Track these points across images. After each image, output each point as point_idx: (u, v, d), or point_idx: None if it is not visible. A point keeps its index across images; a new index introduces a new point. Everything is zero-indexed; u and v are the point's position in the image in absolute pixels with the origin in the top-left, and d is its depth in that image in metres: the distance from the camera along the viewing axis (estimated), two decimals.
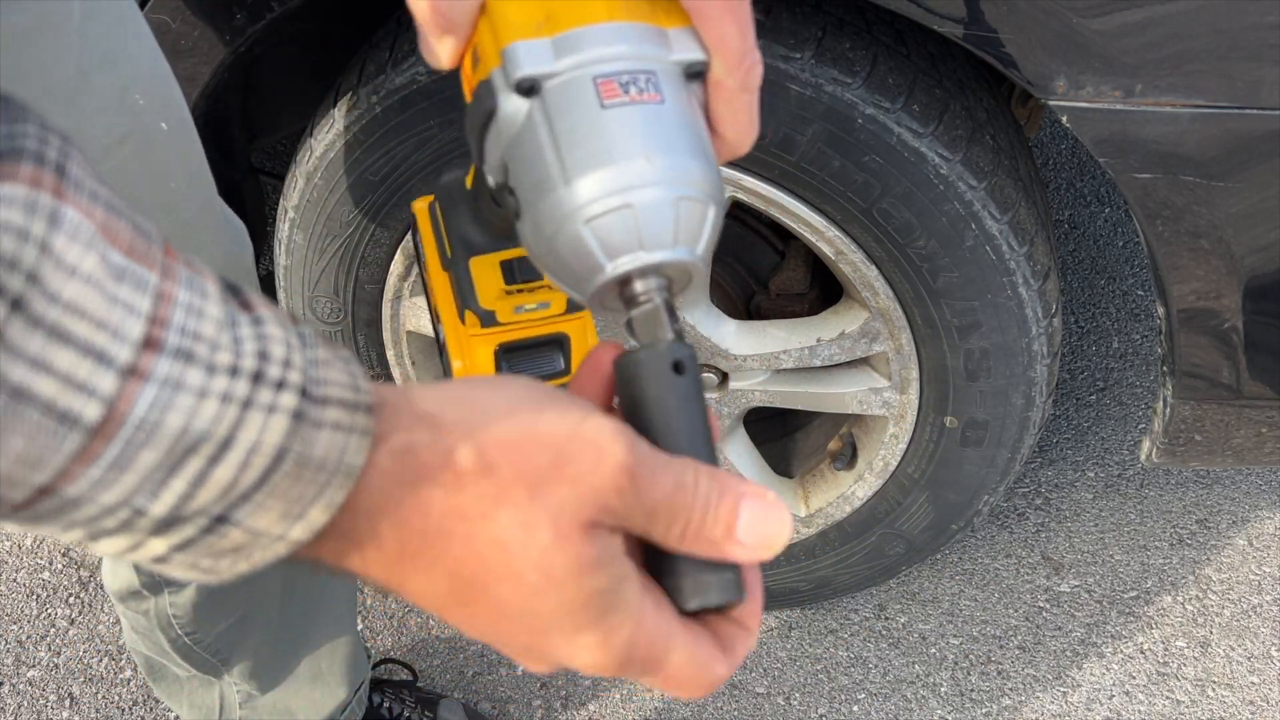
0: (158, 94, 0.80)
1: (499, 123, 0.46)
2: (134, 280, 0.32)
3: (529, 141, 0.45)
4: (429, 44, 0.48)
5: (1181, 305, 1.16)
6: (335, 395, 0.36)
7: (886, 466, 1.42)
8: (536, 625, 0.39)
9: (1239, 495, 1.82)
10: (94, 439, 0.31)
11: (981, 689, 1.63)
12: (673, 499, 0.40)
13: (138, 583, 1.08)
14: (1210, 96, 1.01)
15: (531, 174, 0.45)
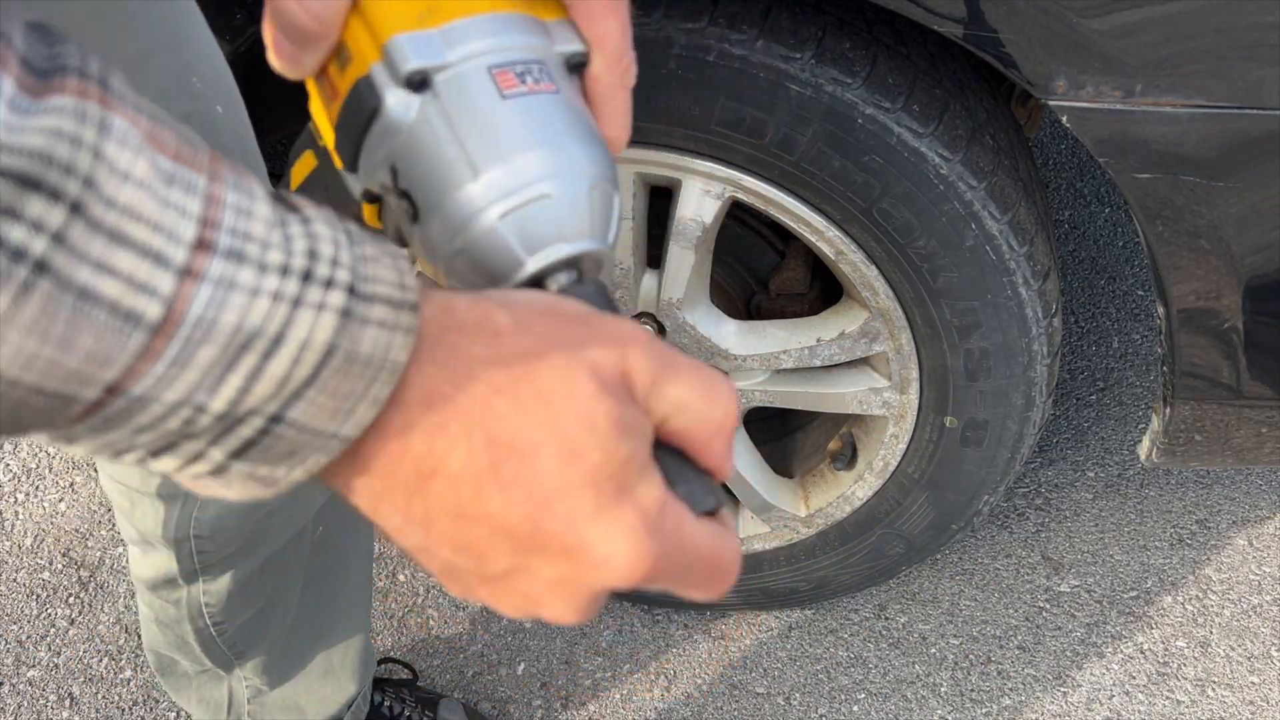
0: (214, 78, 0.81)
1: (384, 122, 0.43)
2: (184, 184, 0.33)
3: (425, 138, 0.43)
4: (287, 50, 0.46)
5: (1181, 305, 1.16)
6: (382, 293, 0.37)
7: (886, 466, 1.42)
8: (574, 505, 0.38)
9: (1239, 495, 1.82)
10: (156, 337, 0.33)
11: (981, 689, 1.63)
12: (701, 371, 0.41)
13: (175, 570, 1.08)
14: (1210, 96, 1.01)
15: (431, 172, 0.43)
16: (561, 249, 0.44)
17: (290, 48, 0.46)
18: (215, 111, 0.80)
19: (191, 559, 1.06)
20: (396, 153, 0.44)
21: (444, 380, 0.38)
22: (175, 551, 1.05)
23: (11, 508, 1.85)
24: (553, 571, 0.39)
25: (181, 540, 1.04)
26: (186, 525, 1.03)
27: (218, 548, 1.06)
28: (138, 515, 1.04)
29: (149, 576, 1.11)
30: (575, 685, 1.66)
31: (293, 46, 0.46)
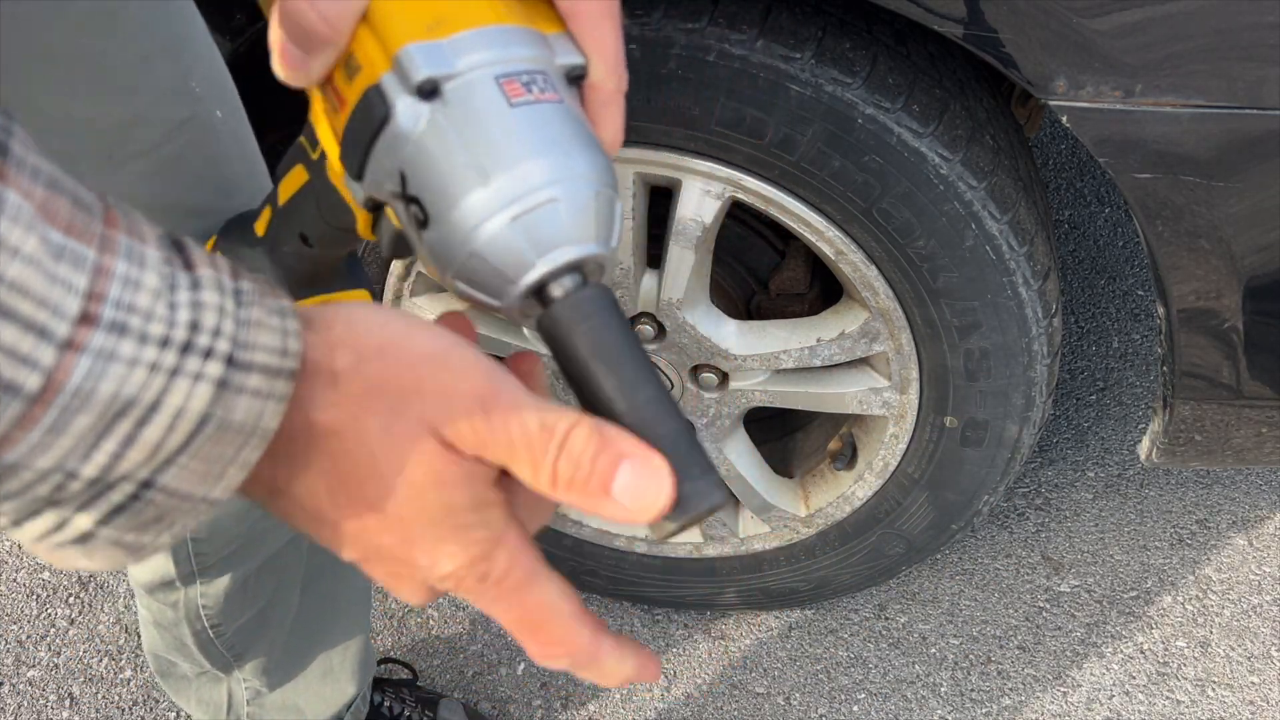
0: (213, 81, 0.82)
1: (393, 130, 0.44)
2: (73, 258, 0.34)
3: (435, 145, 0.44)
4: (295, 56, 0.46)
5: (1181, 305, 1.16)
6: (260, 361, 0.38)
7: (886, 466, 1.42)
8: (403, 532, 0.42)
9: (1239, 495, 1.82)
10: (34, 406, 0.33)
11: (981, 689, 1.63)
12: (533, 440, 0.41)
13: (172, 572, 1.08)
14: (1210, 96, 1.01)
15: (441, 178, 0.44)
16: (568, 252, 0.44)
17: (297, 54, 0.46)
18: (214, 115, 0.81)
19: (189, 561, 1.06)
20: (406, 160, 0.44)
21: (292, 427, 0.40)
22: (172, 554, 1.05)
23: None
24: (387, 569, 0.44)
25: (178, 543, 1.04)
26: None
27: (215, 550, 1.06)
28: None
29: (146, 579, 1.11)
30: (575, 685, 1.66)
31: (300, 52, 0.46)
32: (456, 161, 0.43)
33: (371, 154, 0.45)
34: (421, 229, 0.45)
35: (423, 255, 0.46)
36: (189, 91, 0.78)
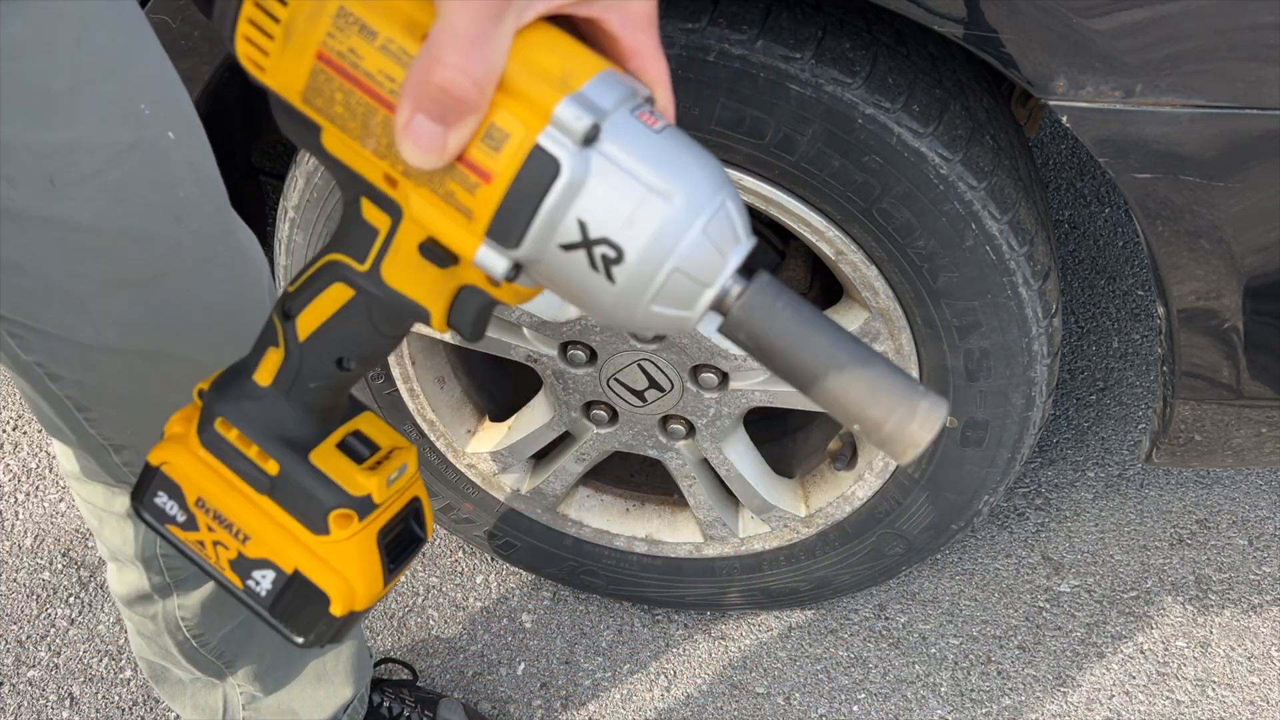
0: (165, 102, 0.79)
1: (565, 181, 0.47)
2: None
3: (607, 184, 0.47)
4: (432, 136, 0.46)
5: (1181, 305, 1.16)
6: None
7: (886, 467, 1.42)
8: None
9: (1239, 495, 1.82)
10: None
11: (981, 689, 1.63)
12: None
13: (147, 586, 1.08)
14: (1210, 96, 1.01)
15: (625, 211, 0.47)
16: (745, 244, 0.49)
17: (435, 131, 0.46)
18: (166, 138, 0.78)
19: (162, 574, 1.06)
20: (583, 207, 0.47)
21: None
22: (145, 569, 1.05)
23: (11, 508, 1.85)
24: None
25: (150, 558, 1.04)
26: (153, 544, 1.02)
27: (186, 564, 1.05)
28: (106, 533, 1.04)
29: (124, 593, 1.11)
30: (575, 685, 1.66)
31: (439, 128, 0.46)
32: (633, 193, 0.47)
33: (539, 213, 0.47)
34: (614, 265, 0.48)
35: (597, 307, 0.49)
36: (137, 114, 0.75)
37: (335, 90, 0.49)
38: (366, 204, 0.52)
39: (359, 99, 0.49)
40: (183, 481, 0.62)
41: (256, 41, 0.50)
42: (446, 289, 0.53)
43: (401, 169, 0.49)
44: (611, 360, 1.37)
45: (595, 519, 1.61)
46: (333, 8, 0.48)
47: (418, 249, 0.52)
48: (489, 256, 0.49)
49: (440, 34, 0.45)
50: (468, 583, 1.76)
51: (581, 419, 1.47)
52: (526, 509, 1.59)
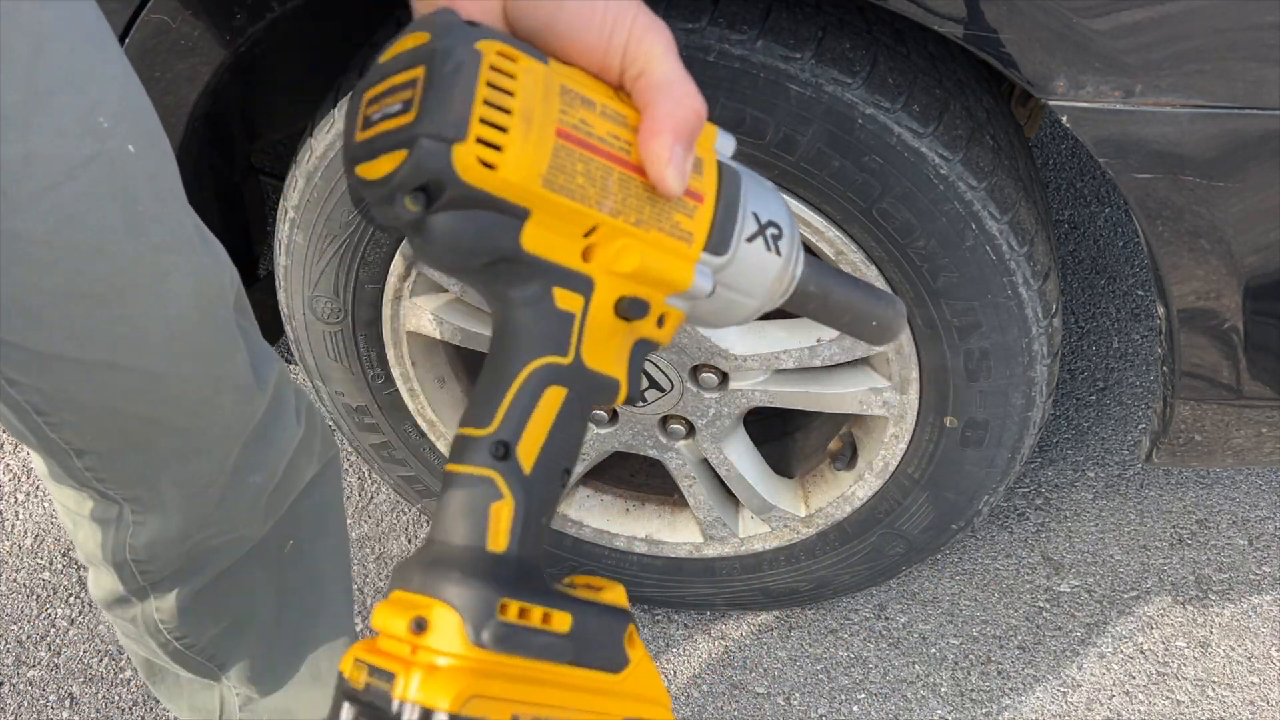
0: (126, 115, 0.78)
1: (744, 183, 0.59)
2: None
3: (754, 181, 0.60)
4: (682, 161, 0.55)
5: (1181, 305, 1.16)
6: None
7: (886, 466, 1.42)
8: None
9: (1239, 495, 1.82)
10: None
11: (981, 689, 1.63)
12: None
13: (122, 589, 1.07)
14: (1210, 96, 1.01)
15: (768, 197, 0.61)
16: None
17: (686, 158, 0.54)
18: (126, 151, 0.77)
19: (135, 579, 1.06)
20: (751, 202, 0.59)
21: None
22: (118, 572, 1.05)
23: (11, 508, 1.85)
24: None
25: (121, 563, 1.04)
26: (123, 550, 1.02)
27: (158, 569, 1.05)
28: (80, 537, 1.04)
29: (101, 596, 1.11)
30: None
31: (686, 153, 0.54)
32: (764, 186, 0.61)
33: (738, 214, 0.58)
34: (779, 240, 0.60)
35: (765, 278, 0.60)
36: (95, 127, 0.74)
37: (576, 162, 0.51)
38: (559, 293, 0.53)
39: (598, 164, 0.52)
40: (489, 710, 0.50)
41: (490, 139, 0.48)
42: (626, 351, 0.57)
43: (634, 218, 0.54)
44: None
45: (595, 519, 1.61)
46: (556, 87, 0.51)
47: (613, 312, 0.55)
48: (701, 277, 0.57)
49: (674, 75, 0.55)
50: None
51: None
52: None
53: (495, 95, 0.48)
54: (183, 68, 1.19)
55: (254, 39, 1.18)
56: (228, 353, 0.91)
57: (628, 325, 0.56)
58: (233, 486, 1.00)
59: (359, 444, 1.56)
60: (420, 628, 0.50)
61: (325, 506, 1.21)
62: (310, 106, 1.32)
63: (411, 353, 1.44)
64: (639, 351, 0.58)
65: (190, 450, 0.93)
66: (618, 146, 0.53)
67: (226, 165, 1.47)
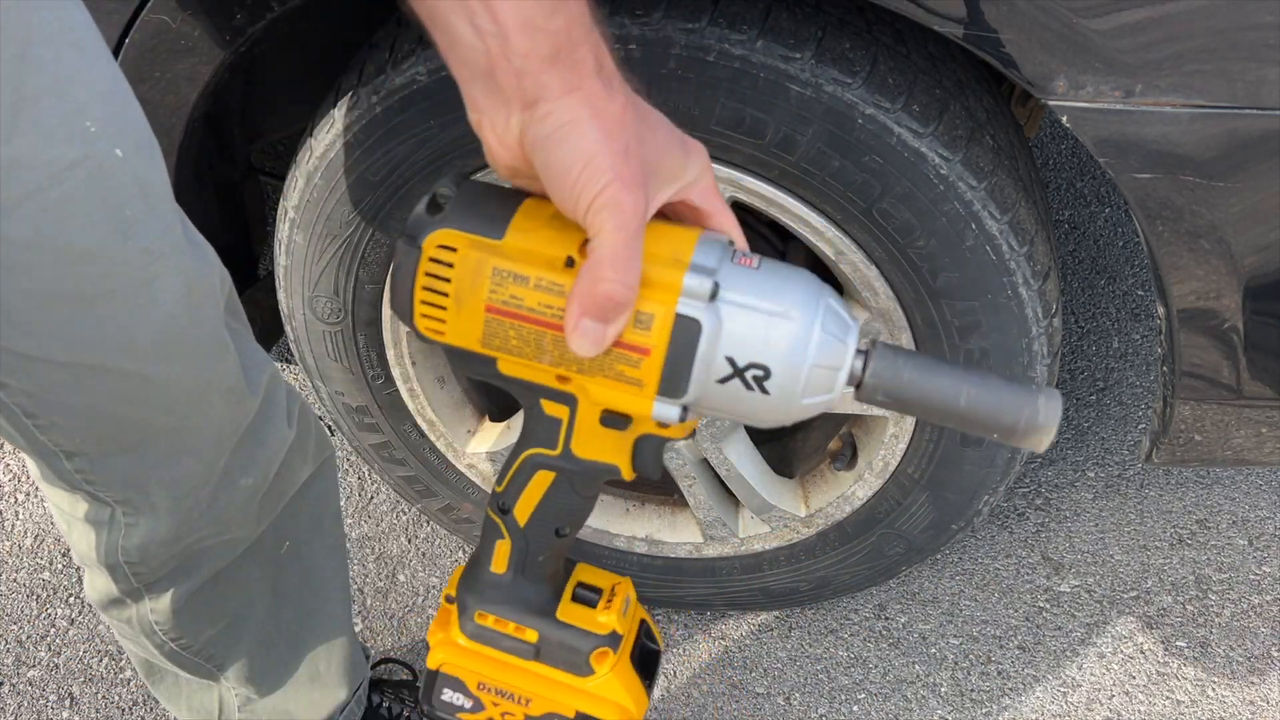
0: (113, 119, 0.78)
1: (707, 334, 0.59)
2: None
3: (742, 320, 0.59)
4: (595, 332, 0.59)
5: (1181, 305, 1.16)
6: None
7: (886, 467, 1.42)
8: None
9: (1239, 495, 1.82)
10: None
11: (981, 689, 1.63)
12: None
13: (116, 590, 1.07)
14: (1210, 96, 1.01)
15: (760, 338, 0.59)
16: (854, 326, 0.61)
17: (598, 328, 0.58)
18: (113, 155, 0.77)
19: (129, 580, 1.06)
20: (727, 346, 0.59)
21: None
22: (111, 574, 1.05)
23: (11, 508, 1.85)
24: None
25: (114, 565, 1.04)
26: (115, 551, 1.02)
27: (151, 570, 1.05)
28: (74, 538, 1.04)
29: (96, 598, 1.11)
30: None
31: (600, 325, 0.58)
32: (760, 322, 0.59)
33: (695, 363, 0.59)
34: (765, 381, 0.59)
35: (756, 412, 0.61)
36: (82, 131, 0.74)
37: (508, 330, 0.61)
38: (546, 403, 0.65)
39: (529, 330, 0.61)
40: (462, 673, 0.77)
41: (433, 316, 0.62)
42: (627, 444, 0.66)
43: (576, 367, 0.61)
44: None
45: (595, 519, 1.61)
46: (487, 270, 0.60)
47: (599, 422, 0.64)
48: (663, 409, 0.61)
49: (600, 255, 0.57)
50: None
51: None
52: None
53: (432, 282, 0.61)
54: (183, 68, 1.19)
55: (254, 39, 1.18)
56: (217, 355, 0.91)
57: (620, 431, 0.65)
58: (224, 488, 1.00)
59: (359, 444, 1.56)
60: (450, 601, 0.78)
61: (321, 507, 1.21)
62: (310, 106, 1.32)
63: (411, 352, 1.44)
64: (646, 443, 0.66)
65: (180, 452, 0.94)
66: (549, 314, 0.60)
67: (226, 165, 1.47)
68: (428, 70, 1.16)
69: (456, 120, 1.19)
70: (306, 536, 1.20)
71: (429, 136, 1.21)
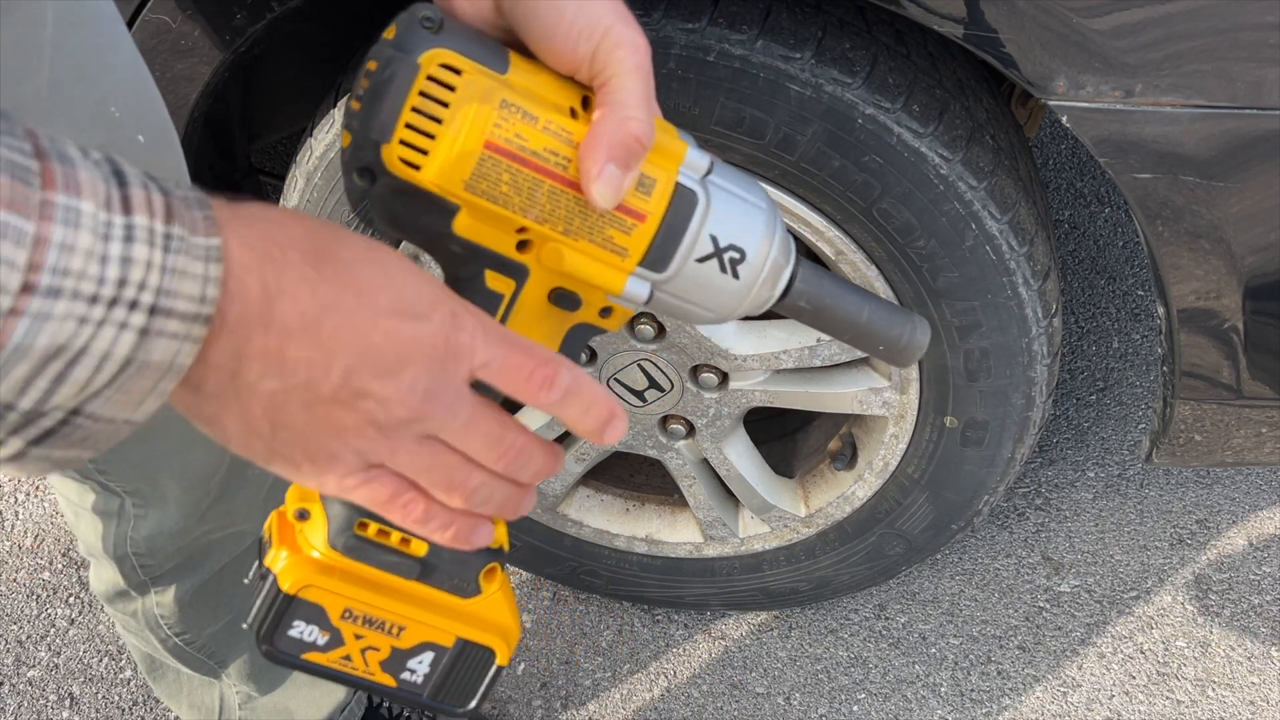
0: (136, 105, 0.79)
1: (701, 207, 0.59)
2: (14, 236, 0.38)
3: (727, 202, 0.59)
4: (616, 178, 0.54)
5: (1181, 305, 1.16)
6: (179, 308, 0.43)
7: (886, 466, 1.42)
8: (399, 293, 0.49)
9: (1239, 495, 1.82)
10: None
11: (981, 689, 1.63)
12: None
13: (123, 583, 1.08)
14: (1210, 96, 1.01)
15: (742, 223, 0.60)
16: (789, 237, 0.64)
17: (619, 175, 0.55)
18: (135, 141, 0.78)
19: (136, 572, 1.06)
20: (712, 225, 0.59)
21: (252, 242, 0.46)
22: (119, 566, 1.05)
23: (11, 508, 1.85)
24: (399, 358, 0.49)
25: (122, 556, 1.04)
26: (124, 543, 1.03)
27: (159, 563, 1.05)
28: (82, 529, 1.05)
29: (103, 590, 1.11)
30: (575, 685, 1.66)
31: (621, 172, 0.55)
32: (741, 208, 0.60)
33: (685, 237, 0.59)
34: (739, 264, 0.60)
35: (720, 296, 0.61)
36: (107, 117, 0.75)
37: (502, 172, 0.55)
38: (490, 275, 0.59)
39: (526, 175, 0.55)
40: (324, 600, 0.62)
41: (415, 143, 0.54)
42: (561, 331, 0.62)
43: (562, 228, 0.57)
44: (611, 360, 1.37)
45: (595, 519, 1.61)
46: (495, 100, 0.54)
47: (546, 299, 0.60)
48: (635, 285, 0.59)
49: (626, 96, 0.54)
50: None
51: None
52: None
53: (426, 104, 0.53)
54: (183, 68, 1.19)
55: (254, 39, 1.18)
56: None
57: (563, 312, 0.61)
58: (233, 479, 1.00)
59: None
60: (302, 517, 0.63)
61: None
62: (310, 106, 1.32)
63: None
64: (576, 333, 0.62)
65: (191, 441, 0.94)
66: (553, 162, 0.55)
67: (226, 165, 1.47)
68: None
69: None
70: None
71: None
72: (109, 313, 0.41)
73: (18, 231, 0.38)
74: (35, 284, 0.39)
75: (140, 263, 0.42)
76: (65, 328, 0.40)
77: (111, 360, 0.42)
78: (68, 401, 0.42)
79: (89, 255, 0.40)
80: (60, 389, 0.41)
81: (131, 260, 0.41)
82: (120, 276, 0.41)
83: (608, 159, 0.54)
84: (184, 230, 0.43)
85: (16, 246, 0.39)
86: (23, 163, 0.39)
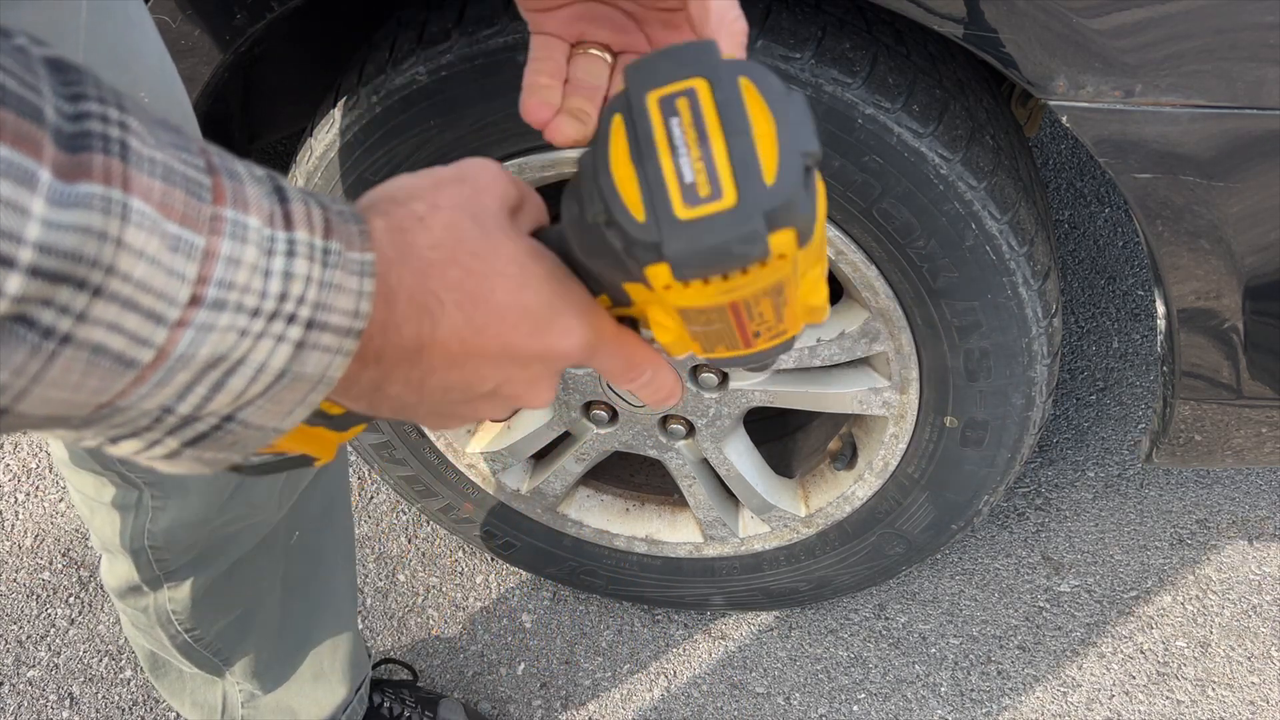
0: (163, 93, 0.81)
1: None
2: (186, 249, 0.39)
3: None
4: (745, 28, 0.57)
5: (1181, 305, 1.16)
6: (334, 322, 0.44)
7: (886, 466, 1.42)
8: (532, 320, 0.50)
9: (1239, 495, 1.82)
10: (145, 370, 0.39)
11: (981, 689, 1.63)
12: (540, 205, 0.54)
13: (137, 578, 1.08)
14: (1210, 96, 1.01)
15: None
16: None
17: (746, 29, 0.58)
18: None
19: (151, 567, 1.07)
20: None
21: (408, 275, 0.47)
22: (134, 560, 1.06)
23: (11, 508, 1.85)
24: (528, 372, 0.52)
25: (138, 550, 1.05)
26: (141, 536, 1.03)
27: (175, 556, 1.06)
28: (97, 523, 1.05)
29: (115, 584, 1.12)
30: (575, 685, 1.66)
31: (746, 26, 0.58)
32: None
33: None
34: None
35: None
36: None
37: (715, 319, 0.50)
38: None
39: (728, 328, 0.52)
40: None
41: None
42: None
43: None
44: None
45: (595, 519, 1.61)
46: (768, 285, 0.48)
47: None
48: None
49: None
50: (468, 583, 1.76)
51: (581, 419, 1.47)
52: (526, 509, 1.59)
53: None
54: (183, 68, 1.19)
55: (254, 39, 1.18)
56: None
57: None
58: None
59: (359, 444, 1.56)
60: None
61: (331, 498, 1.22)
62: (310, 106, 1.32)
63: None
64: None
65: None
66: (750, 330, 0.53)
67: None
68: (427, 70, 1.16)
69: (456, 120, 1.18)
70: (316, 526, 1.21)
71: (429, 136, 1.21)
72: (268, 326, 0.42)
73: (189, 245, 0.39)
74: (202, 296, 0.40)
75: (300, 277, 0.43)
76: (226, 339, 0.41)
77: (267, 371, 0.43)
78: (223, 408, 0.43)
79: (253, 269, 0.41)
80: (217, 396, 0.42)
81: (292, 275, 0.42)
82: (281, 291, 0.42)
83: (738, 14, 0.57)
84: (340, 245, 0.44)
85: (188, 260, 0.39)
86: (196, 178, 0.39)
